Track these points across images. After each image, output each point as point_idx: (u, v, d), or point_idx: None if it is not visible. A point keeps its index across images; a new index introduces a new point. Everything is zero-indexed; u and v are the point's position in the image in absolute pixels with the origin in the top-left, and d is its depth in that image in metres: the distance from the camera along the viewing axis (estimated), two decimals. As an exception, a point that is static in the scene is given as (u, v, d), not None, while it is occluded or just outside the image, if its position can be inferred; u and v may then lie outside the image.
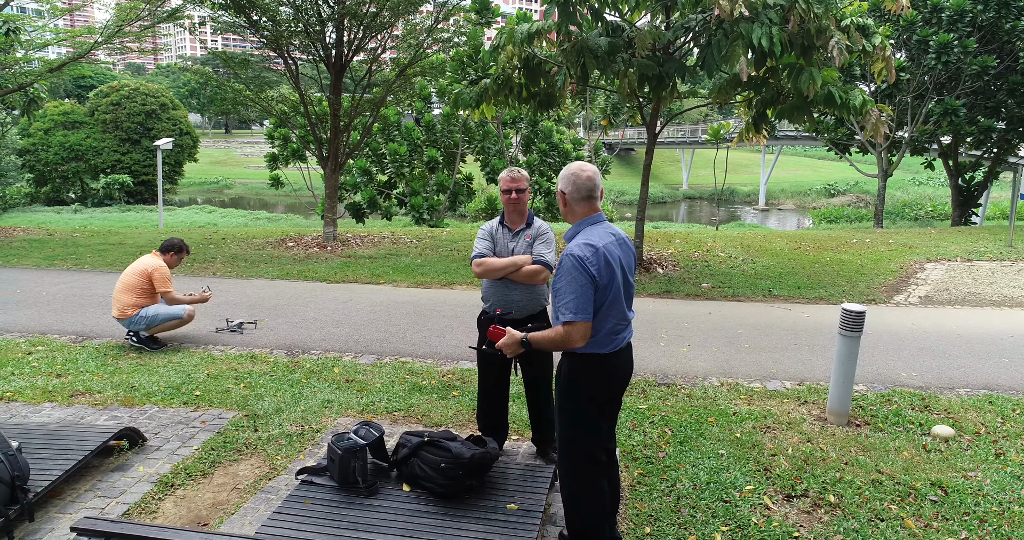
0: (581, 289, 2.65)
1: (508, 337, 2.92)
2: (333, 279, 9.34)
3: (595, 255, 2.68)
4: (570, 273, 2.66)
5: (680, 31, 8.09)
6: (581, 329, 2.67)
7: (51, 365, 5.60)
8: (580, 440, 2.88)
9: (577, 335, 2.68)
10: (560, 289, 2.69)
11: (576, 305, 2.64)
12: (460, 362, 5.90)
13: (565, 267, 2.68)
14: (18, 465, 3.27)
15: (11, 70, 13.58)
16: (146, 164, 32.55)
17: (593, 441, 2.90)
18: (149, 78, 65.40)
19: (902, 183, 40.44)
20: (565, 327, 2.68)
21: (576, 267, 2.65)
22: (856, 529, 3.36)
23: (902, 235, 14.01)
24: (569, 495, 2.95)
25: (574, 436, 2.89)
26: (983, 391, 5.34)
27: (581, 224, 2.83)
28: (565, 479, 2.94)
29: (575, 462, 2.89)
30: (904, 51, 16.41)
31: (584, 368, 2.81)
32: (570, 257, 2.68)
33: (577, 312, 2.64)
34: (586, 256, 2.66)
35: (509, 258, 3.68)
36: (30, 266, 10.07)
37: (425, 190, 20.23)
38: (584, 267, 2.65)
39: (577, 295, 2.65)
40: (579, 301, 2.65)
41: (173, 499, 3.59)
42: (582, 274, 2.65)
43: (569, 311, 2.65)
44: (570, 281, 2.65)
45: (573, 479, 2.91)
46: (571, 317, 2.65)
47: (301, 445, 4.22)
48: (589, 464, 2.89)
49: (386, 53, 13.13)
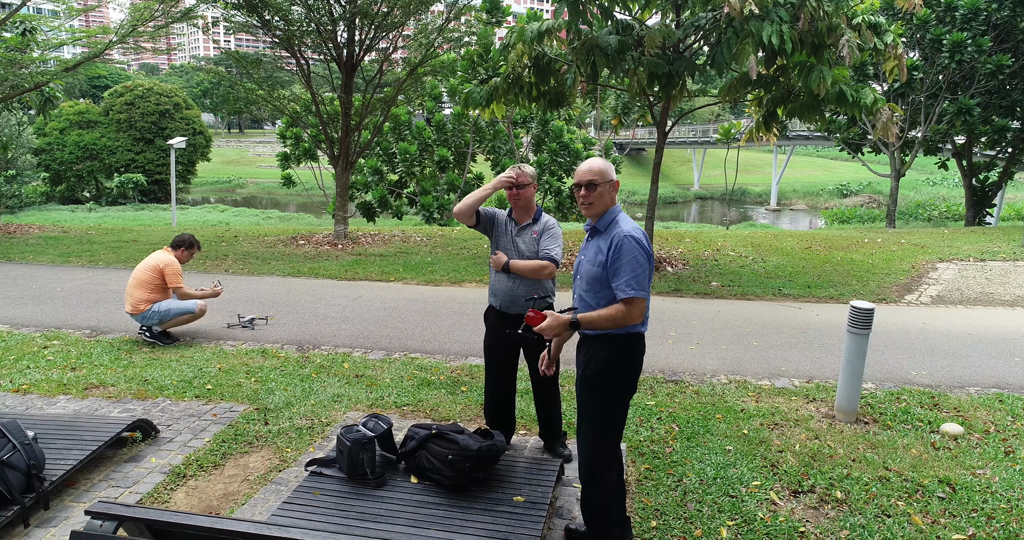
0: (641, 268, 2.76)
1: (552, 319, 2.82)
2: (343, 276, 9.40)
3: (646, 238, 2.82)
4: (631, 252, 2.75)
5: (690, 29, 8.09)
6: (641, 305, 2.77)
7: (66, 359, 5.68)
8: (613, 421, 2.93)
9: (638, 311, 2.76)
10: (620, 268, 2.76)
11: (639, 282, 2.75)
12: (469, 358, 5.94)
13: (626, 247, 2.76)
14: (34, 454, 3.33)
15: (28, 70, 13.75)
16: (159, 163, 32.85)
17: (620, 423, 2.96)
18: (163, 78, 65.98)
19: (915, 183, 40.12)
20: (627, 304, 2.75)
21: (637, 247, 2.76)
22: (863, 525, 3.36)
23: (914, 235, 13.91)
24: (590, 477, 2.98)
25: (608, 420, 2.92)
26: (993, 390, 5.32)
27: (614, 210, 2.94)
28: (587, 461, 2.96)
29: (602, 443, 2.94)
30: (917, 50, 16.29)
31: (629, 347, 2.89)
32: (629, 238, 2.77)
33: (639, 288, 2.74)
34: (642, 238, 2.80)
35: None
36: (45, 262, 10.20)
37: (436, 189, 20.28)
38: (643, 247, 2.78)
39: (638, 273, 2.75)
40: (640, 278, 2.75)
41: (185, 489, 3.64)
42: (641, 253, 2.76)
43: (631, 288, 2.74)
44: (631, 260, 2.75)
45: (597, 461, 2.95)
46: (634, 293, 2.73)
47: (311, 438, 4.27)
48: (613, 445, 2.96)
49: (397, 52, 13.20)
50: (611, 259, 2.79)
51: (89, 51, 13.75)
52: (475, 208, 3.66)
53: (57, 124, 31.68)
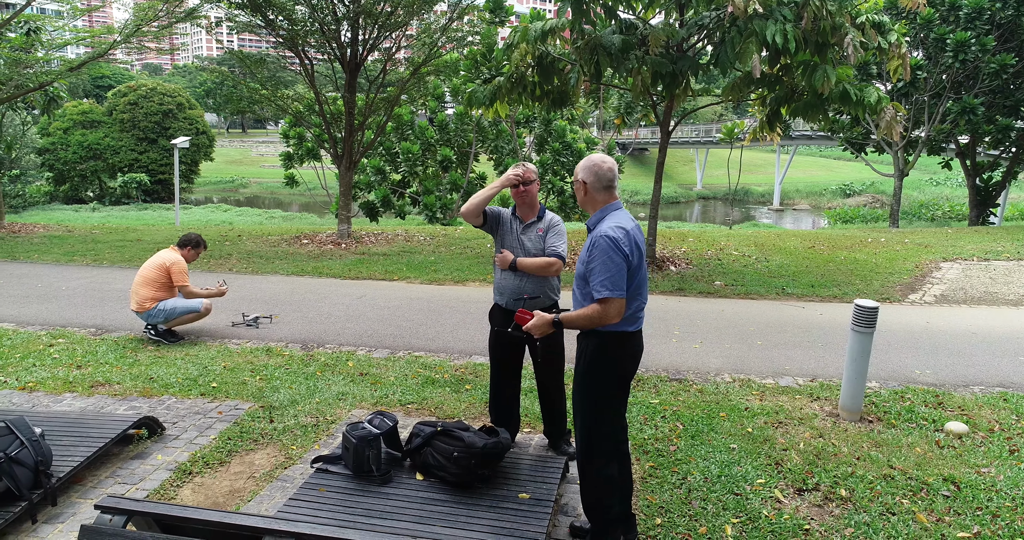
0: (616, 267, 2.74)
1: (538, 319, 2.96)
2: (347, 276, 9.41)
3: (627, 236, 2.79)
4: (605, 253, 2.74)
5: (694, 28, 8.09)
6: (617, 305, 2.75)
7: (71, 357, 5.71)
8: (604, 418, 2.94)
9: (613, 311, 2.75)
10: (595, 268, 2.76)
11: (612, 282, 2.73)
12: (473, 356, 5.94)
13: (599, 247, 2.76)
14: (41, 450, 3.35)
15: (32, 70, 13.78)
16: (163, 163, 32.94)
17: (614, 418, 2.97)
18: (166, 78, 66.10)
19: (919, 184, 40.05)
20: (602, 304, 2.75)
21: (611, 247, 2.74)
22: (867, 523, 3.36)
23: (918, 235, 13.89)
24: (588, 474, 2.99)
25: (598, 414, 2.94)
26: (998, 389, 5.31)
27: (605, 210, 2.92)
28: (585, 458, 2.98)
29: (597, 440, 2.95)
30: (921, 49, 16.26)
31: (612, 346, 2.88)
32: (604, 238, 2.76)
33: (613, 289, 2.73)
34: (619, 237, 2.76)
35: (493, 185, 3.69)
36: (50, 262, 10.23)
37: (438, 189, 20.28)
38: (618, 247, 2.74)
39: (612, 273, 2.73)
40: (615, 278, 2.73)
41: (191, 486, 3.66)
42: (616, 254, 2.74)
43: (605, 288, 2.73)
44: (605, 260, 2.74)
45: (594, 457, 2.96)
46: (608, 293, 2.73)
47: (316, 435, 4.28)
48: (610, 442, 2.97)
49: (400, 52, 13.21)
50: (588, 258, 2.81)
51: (93, 51, 13.78)
52: (482, 207, 3.68)
53: (61, 124, 31.78)
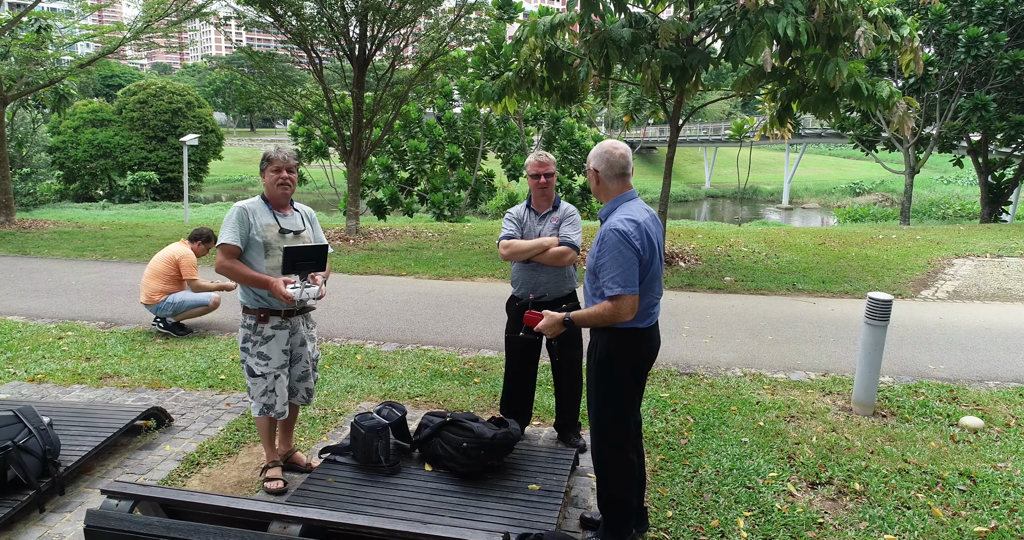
0: (627, 263, 2.62)
1: (548, 319, 2.88)
2: (355, 271, 9.41)
3: (638, 230, 2.66)
4: (615, 248, 2.63)
5: (704, 22, 8.03)
6: (630, 302, 2.65)
7: (81, 349, 5.71)
8: (616, 412, 2.87)
9: (626, 308, 2.65)
10: (605, 264, 2.65)
11: (624, 278, 2.62)
12: (481, 350, 5.92)
13: (609, 242, 2.64)
14: (49, 439, 3.34)
15: (42, 67, 13.85)
16: (172, 161, 33.05)
17: (627, 414, 2.90)
18: (175, 77, 66.47)
19: (930, 182, 39.73)
20: (613, 301, 2.65)
21: (621, 242, 2.63)
22: (882, 517, 3.31)
23: (929, 232, 13.77)
24: (602, 467, 2.95)
25: (611, 409, 2.88)
26: (1013, 384, 5.24)
27: (617, 201, 2.80)
28: (599, 452, 2.93)
29: (611, 434, 2.90)
30: (933, 45, 16.13)
31: (625, 343, 2.79)
32: (614, 232, 2.64)
33: (626, 285, 2.62)
34: (629, 231, 2.64)
35: (535, 240, 3.68)
36: (60, 256, 10.27)
37: (446, 187, 20.28)
38: (629, 242, 2.63)
39: (624, 269, 2.62)
40: (626, 275, 2.62)
41: (199, 476, 3.64)
42: (627, 248, 2.62)
43: (617, 285, 2.62)
44: (616, 256, 2.63)
45: (607, 452, 2.91)
46: (620, 290, 2.62)
47: (324, 427, 4.26)
48: (622, 436, 2.91)
49: (409, 48, 13.19)
50: (599, 253, 2.70)
51: (103, 48, 13.84)
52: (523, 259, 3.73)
53: (71, 122, 31.96)
